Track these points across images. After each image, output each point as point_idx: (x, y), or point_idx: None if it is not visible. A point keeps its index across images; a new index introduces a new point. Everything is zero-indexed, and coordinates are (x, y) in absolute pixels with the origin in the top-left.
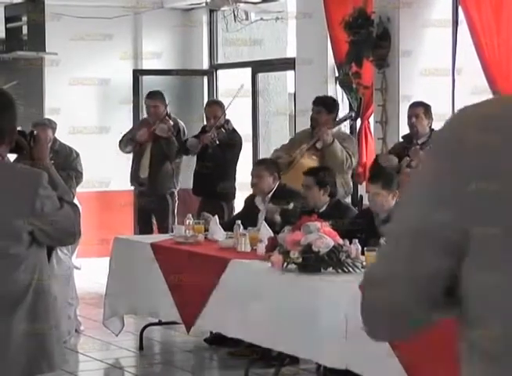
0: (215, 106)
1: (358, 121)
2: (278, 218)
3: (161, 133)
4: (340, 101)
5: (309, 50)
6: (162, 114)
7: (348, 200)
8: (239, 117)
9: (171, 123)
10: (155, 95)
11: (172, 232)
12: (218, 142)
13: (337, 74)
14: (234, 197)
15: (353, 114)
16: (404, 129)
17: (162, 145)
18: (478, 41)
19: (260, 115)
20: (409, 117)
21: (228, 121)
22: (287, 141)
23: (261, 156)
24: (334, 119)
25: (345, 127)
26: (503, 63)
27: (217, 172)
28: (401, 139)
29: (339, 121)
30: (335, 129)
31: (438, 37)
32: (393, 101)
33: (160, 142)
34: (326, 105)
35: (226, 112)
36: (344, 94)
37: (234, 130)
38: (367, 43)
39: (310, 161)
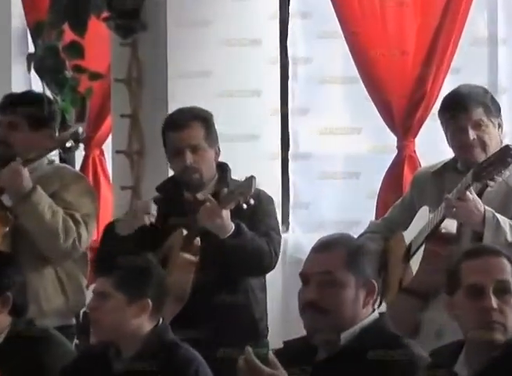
0: None
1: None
2: None
3: None
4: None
5: None
6: None
7: None
8: None
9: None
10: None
11: None
12: None
13: (32, 49)
14: None
15: (81, 129)
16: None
17: None
18: None
19: None
20: (176, 153)
21: None
22: None
23: None
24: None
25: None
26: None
27: None
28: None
29: (54, 148)
30: (47, 164)
31: None
32: (154, 104)
33: None
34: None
35: None
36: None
37: None
38: None
39: None
